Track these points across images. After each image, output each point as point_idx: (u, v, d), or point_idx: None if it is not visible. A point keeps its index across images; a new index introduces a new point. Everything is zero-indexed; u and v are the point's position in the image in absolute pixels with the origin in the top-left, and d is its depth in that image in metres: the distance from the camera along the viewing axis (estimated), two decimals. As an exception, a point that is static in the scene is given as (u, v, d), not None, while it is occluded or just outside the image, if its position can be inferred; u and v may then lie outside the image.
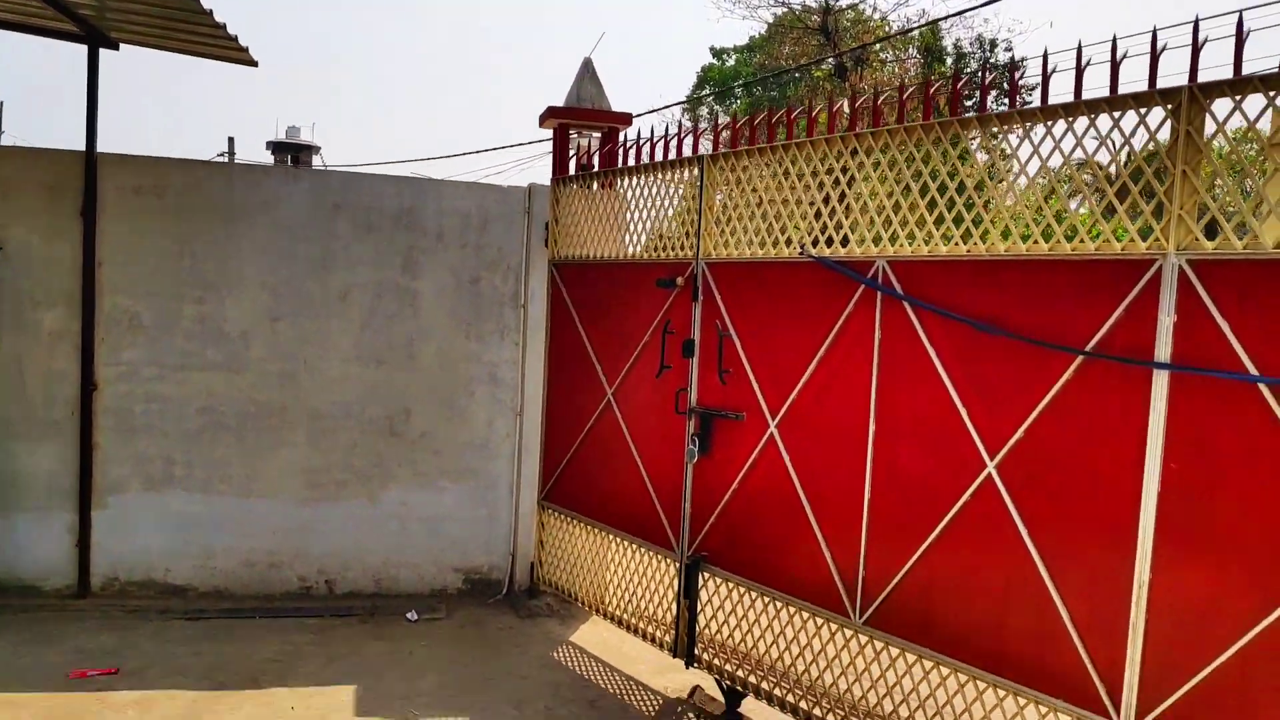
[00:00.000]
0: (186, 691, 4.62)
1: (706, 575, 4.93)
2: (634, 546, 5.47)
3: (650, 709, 4.81)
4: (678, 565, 5.10)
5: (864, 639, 4.10)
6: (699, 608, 4.97)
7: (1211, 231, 3.08)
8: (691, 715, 4.78)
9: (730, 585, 4.79)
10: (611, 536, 5.66)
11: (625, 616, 5.55)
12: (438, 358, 6.14)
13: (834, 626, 4.24)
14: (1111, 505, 3.22)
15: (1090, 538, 3.28)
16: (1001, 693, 3.58)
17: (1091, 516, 3.28)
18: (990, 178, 3.79)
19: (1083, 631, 3.30)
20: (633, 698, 4.94)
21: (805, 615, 4.38)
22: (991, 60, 21.54)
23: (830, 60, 21.87)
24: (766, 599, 4.57)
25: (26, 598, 5.75)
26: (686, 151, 5.11)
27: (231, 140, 23.41)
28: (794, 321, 4.40)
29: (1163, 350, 3.08)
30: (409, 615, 5.91)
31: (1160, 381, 3.10)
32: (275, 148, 25.10)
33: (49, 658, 4.92)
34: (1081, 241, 3.37)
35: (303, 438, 6.01)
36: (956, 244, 3.75)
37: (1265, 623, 2.84)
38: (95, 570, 5.86)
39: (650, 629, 5.36)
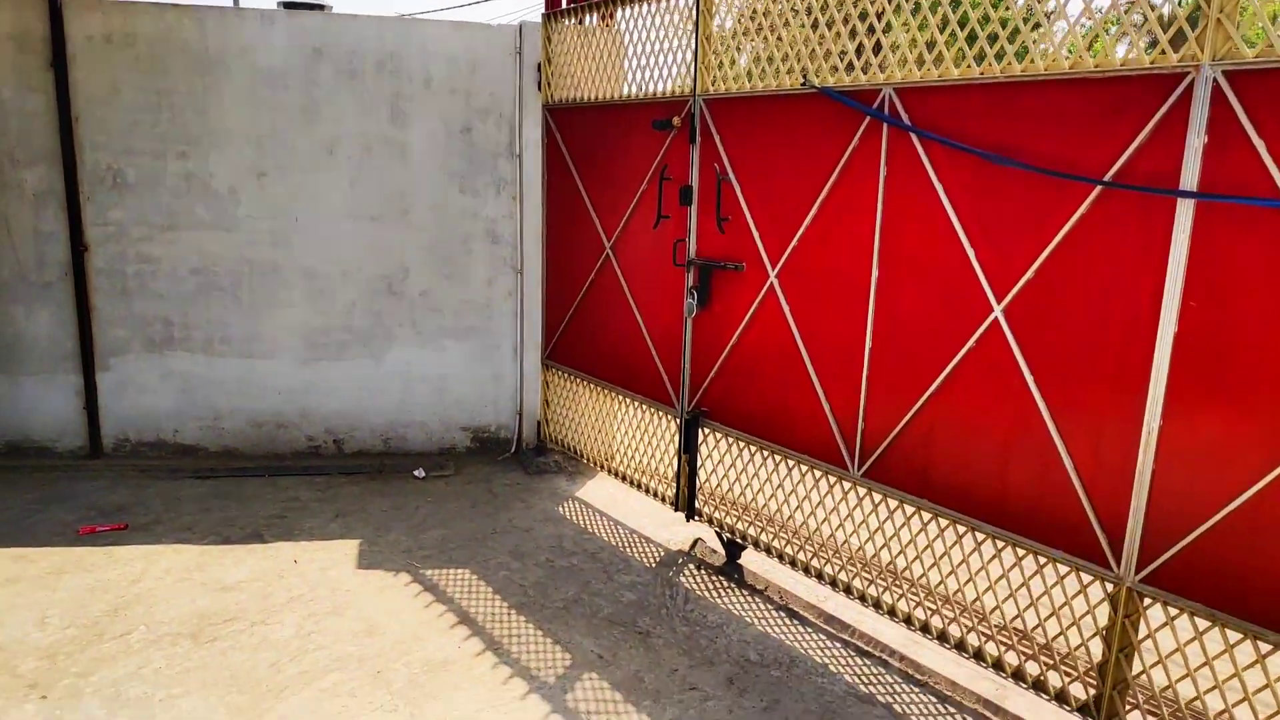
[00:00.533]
0: (192, 546, 4.69)
1: (706, 430, 4.83)
2: (635, 403, 5.37)
3: (651, 560, 4.82)
4: (678, 421, 5.00)
5: (862, 491, 4.00)
6: (699, 463, 4.90)
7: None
8: (692, 567, 4.78)
9: (730, 440, 4.68)
10: (614, 394, 5.56)
11: (630, 473, 5.52)
12: (433, 213, 5.91)
13: (832, 479, 4.14)
14: (1123, 348, 3.00)
15: (1099, 384, 3.08)
16: (1000, 544, 3.48)
17: (1101, 361, 3.06)
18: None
19: (1087, 482, 3.15)
20: (634, 550, 4.95)
21: (804, 468, 4.28)
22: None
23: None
24: (765, 453, 4.46)
25: (40, 458, 5.84)
26: (683, -23, 4.68)
27: (237, -3, 22.49)
28: (796, 162, 4.10)
29: (1189, 177, 2.78)
30: (416, 473, 5.93)
31: (1184, 212, 2.81)
32: (285, 6, 24.16)
33: (60, 515, 5.01)
34: (1106, 57, 3.01)
35: (300, 297, 5.90)
36: (969, 66, 3.39)
37: (1277, 471, 2.65)
38: (105, 431, 5.91)
39: (654, 484, 5.32)
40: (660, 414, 5.19)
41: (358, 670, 3.59)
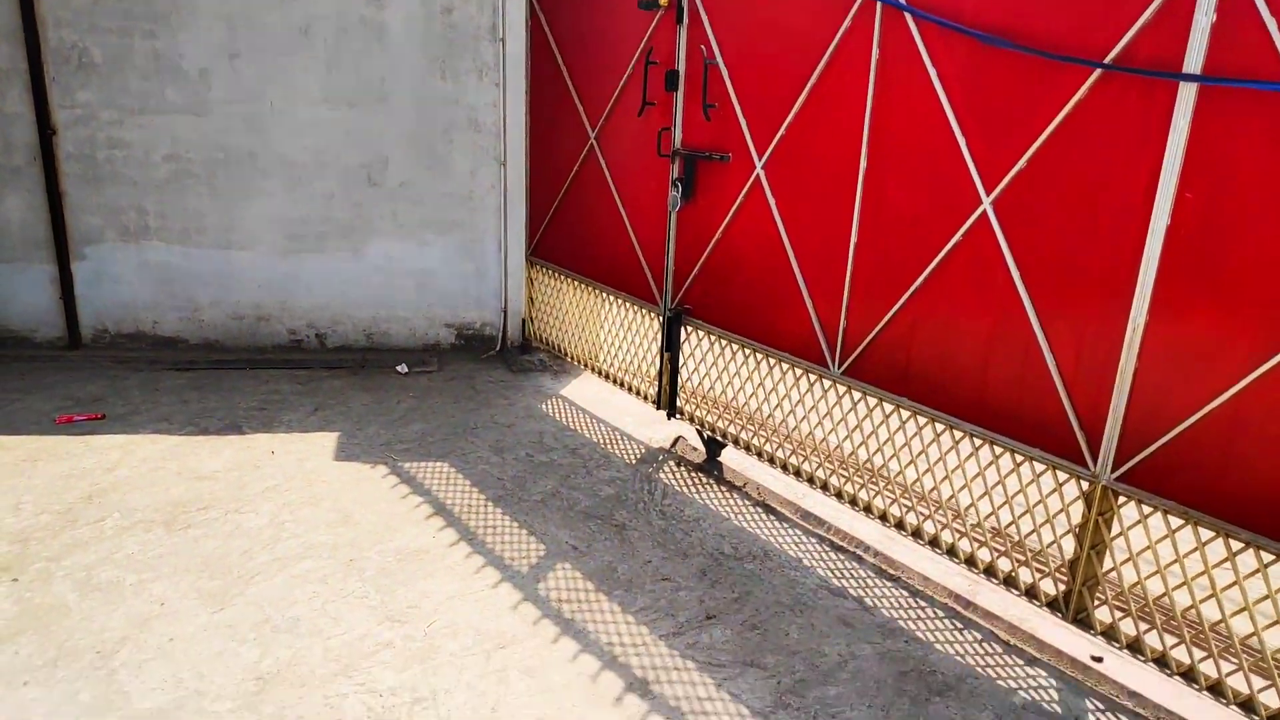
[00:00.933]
0: (170, 436, 4.66)
1: (689, 328, 4.75)
2: (619, 301, 5.28)
3: (631, 457, 4.81)
4: (661, 319, 4.91)
5: (842, 389, 3.94)
6: (681, 361, 4.83)
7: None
8: (672, 463, 4.77)
9: (712, 338, 4.61)
10: (598, 291, 5.46)
11: (613, 371, 5.47)
12: (412, 100, 5.69)
13: (813, 377, 4.08)
14: (1114, 242, 2.88)
15: (1086, 279, 2.97)
16: (978, 441, 3.44)
17: (1090, 256, 2.95)
18: None
19: (1068, 380, 3.08)
20: (615, 447, 4.93)
21: (785, 366, 4.21)
22: None
23: None
24: (747, 351, 4.39)
25: (19, 349, 5.78)
26: None
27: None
28: (785, 46, 3.90)
29: (1194, 59, 2.61)
30: (399, 368, 5.88)
31: (1186, 98, 2.65)
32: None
33: (38, 405, 4.97)
34: (1116, -75, 2.80)
35: (278, 187, 5.73)
36: (970, -62, 3.18)
37: (1261, 369, 2.58)
38: (83, 322, 5.83)
39: (637, 383, 5.27)
40: (644, 312, 5.10)
41: (330, 558, 3.60)
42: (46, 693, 2.73)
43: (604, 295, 5.44)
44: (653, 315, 5.01)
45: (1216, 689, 2.82)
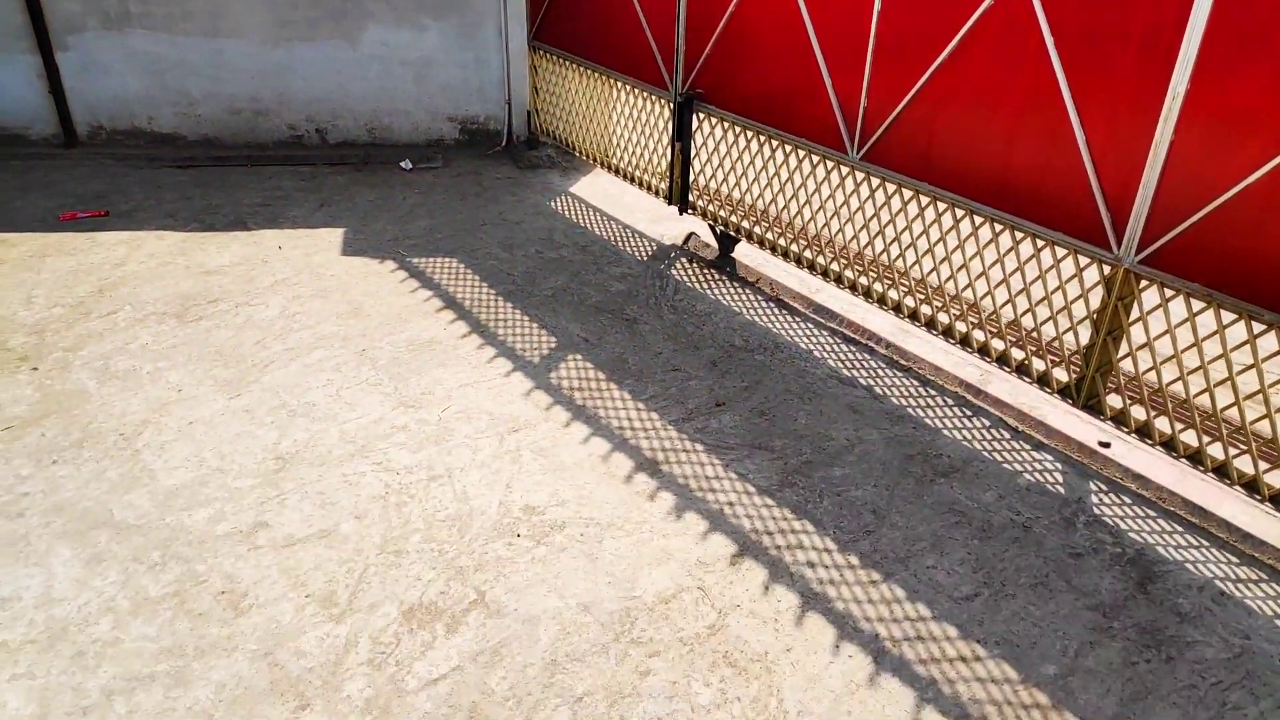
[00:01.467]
0: (175, 232, 4.60)
1: (701, 115, 4.53)
2: (627, 87, 5.02)
3: (642, 254, 4.73)
4: (671, 105, 4.67)
5: (860, 176, 3.79)
6: (693, 153, 4.65)
7: None
8: (684, 260, 4.70)
9: (725, 125, 4.40)
10: (604, 77, 5.18)
11: (623, 167, 5.28)
12: None
13: (830, 164, 3.92)
14: (1157, 1, 2.64)
15: (1126, 45, 2.75)
16: (999, 227, 3.33)
17: (1133, 17, 2.72)
18: None
19: (1097, 158, 2.92)
20: (626, 244, 4.84)
21: (801, 153, 4.04)
22: None
23: None
24: (762, 138, 4.20)
25: (15, 146, 5.61)
26: None
27: None
28: None
29: None
30: (403, 164, 5.71)
31: None
32: None
33: (40, 202, 4.88)
34: None
35: (263, -32, 5.35)
36: None
37: (1313, 138, 2.42)
38: (76, 118, 5.62)
39: (648, 178, 5.11)
40: (653, 99, 4.86)
41: (342, 348, 3.61)
42: (75, 470, 2.81)
43: (611, 81, 5.17)
44: (663, 102, 4.78)
45: (1222, 471, 2.85)
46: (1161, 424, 3.00)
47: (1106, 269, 3.01)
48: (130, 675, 2.13)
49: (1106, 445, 3.28)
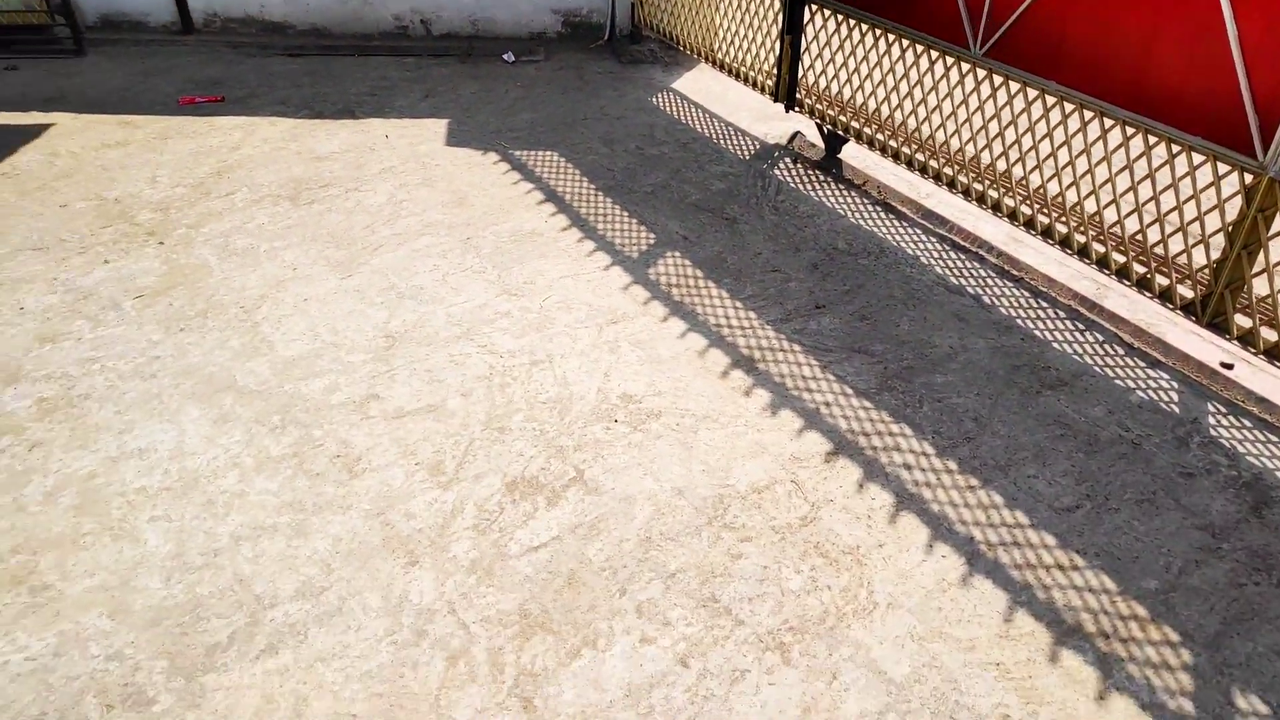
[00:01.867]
0: (287, 119, 4.70)
1: (814, 7, 4.34)
2: (740, -21, 4.83)
3: (745, 153, 4.63)
4: (785, -3, 4.49)
5: (983, 73, 3.60)
6: (803, 46, 4.47)
7: None
8: (788, 160, 4.58)
9: (839, 18, 4.21)
10: (717, -31, 5.00)
11: (729, 62, 5.13)
12: None
13: (949, 60, 3.72)
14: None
15: (1302, -72, 2.51)
16: (1131, 130, 3.13)
17: (1314, -103, 2.47)
18: None
19: (1249, 55, 2.70)
20: (728, 142, 4.74)
21: (918, 49, 3.85)
22: None
23: None
24: (877, 31, 4.01)
25: (136, 33, 5.78)
26: None
27: None
28: None
29: None
30: (505, 57, 5.68)
31: None
32: None
33: (161, 86, 5.04)
34: None
35: None
36: None
37: None
38: (193, 6, 5.74)
39: (755, 75, 4.95)
40: (766, -9, 4.67)
41: (447, 235, 3.67)
42: (200, 338, 2.97)
43: (723, -25, 4.99)
44: (776, -4, 4.59)
45: (1354, 393, 2.69)
46: (1293, 345, 2.83)
47: (1248, 178, 2.81)
48: (255, 524, 2.28)
49: (1229, 366, 3.13)
